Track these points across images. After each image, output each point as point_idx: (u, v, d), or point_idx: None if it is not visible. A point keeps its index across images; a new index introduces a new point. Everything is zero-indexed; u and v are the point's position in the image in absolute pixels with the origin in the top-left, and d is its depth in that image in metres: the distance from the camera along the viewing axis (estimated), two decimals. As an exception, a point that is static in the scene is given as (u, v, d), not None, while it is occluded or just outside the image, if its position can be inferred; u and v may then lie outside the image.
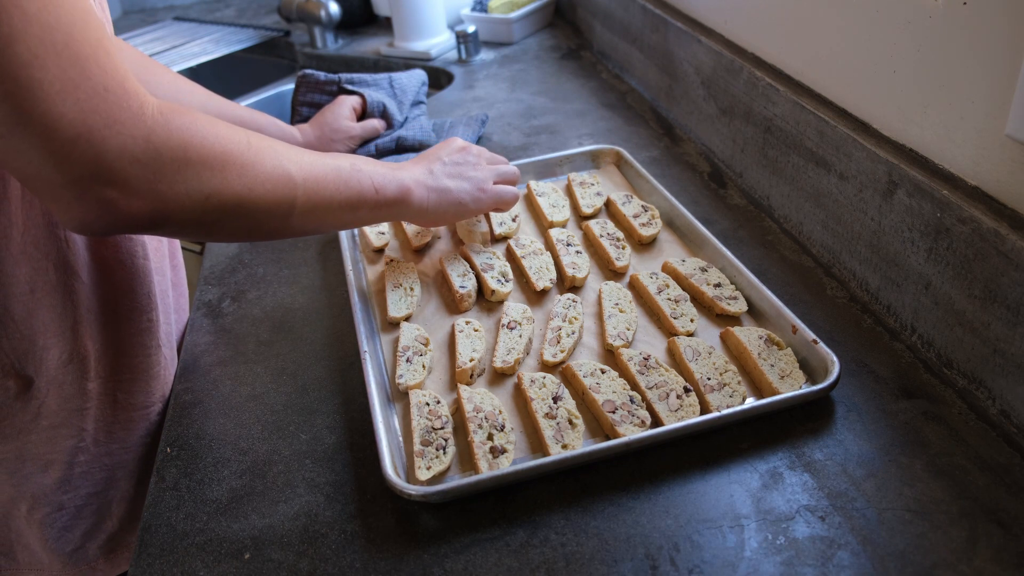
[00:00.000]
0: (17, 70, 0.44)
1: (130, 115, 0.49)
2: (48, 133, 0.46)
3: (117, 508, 0.74)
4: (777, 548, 0.53)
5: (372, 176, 0.68)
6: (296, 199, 0.60)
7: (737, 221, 0.91)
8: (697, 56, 1.05)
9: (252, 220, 0.59)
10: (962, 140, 0.63)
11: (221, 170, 0.54)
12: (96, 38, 0.48)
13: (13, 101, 0.45)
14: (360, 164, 0.68)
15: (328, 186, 0.63)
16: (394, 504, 0.60)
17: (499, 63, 1.50)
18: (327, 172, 0.63)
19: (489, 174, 0.81)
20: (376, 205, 0.69)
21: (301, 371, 0.75)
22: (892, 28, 0.68)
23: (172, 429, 0.70)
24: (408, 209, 0.73)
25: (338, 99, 1.09)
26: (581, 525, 0.56)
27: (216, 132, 0.55)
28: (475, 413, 0.64)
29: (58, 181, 0.48)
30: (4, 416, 0.66)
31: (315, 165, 0.62)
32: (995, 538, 0.52)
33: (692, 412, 0.63)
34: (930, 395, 0.64)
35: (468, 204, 0.78)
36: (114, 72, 0.49)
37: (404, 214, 0.73)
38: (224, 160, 0.55)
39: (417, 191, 0.73)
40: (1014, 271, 0.56)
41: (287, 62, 1.84)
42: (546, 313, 0.78)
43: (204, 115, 0.56)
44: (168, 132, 0.51)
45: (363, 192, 0.67)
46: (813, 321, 0.73)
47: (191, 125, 0.53)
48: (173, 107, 0.53)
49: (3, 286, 0.62)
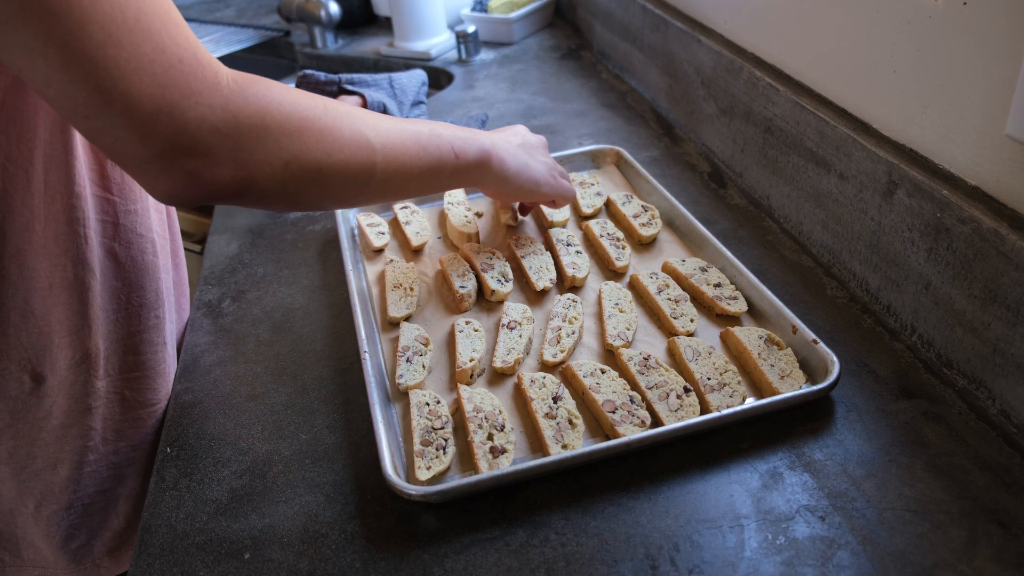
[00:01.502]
0: (93, 51, 0.44)
1: (206, 85, 0.49)
2: (129, 111, 0.46)
3: (124, 506, 0.74)
4: (777, 548, 0.53)
5: (452, 141, 0.67)
6: (376, 164, 0.60)
7: (737, 221, 0.91)
8: (697, 56, 1.05)
9: (333, 186, 0.59)
10: (962, 140, 0.63)
11: (299, 136, 0.54)
12: (164, 10, 0.48)
13: (93, 82, 0.45)
14: (439, 129, 0.68)
15: (408, 151, 0.63)
16: (394, 504, 0.60)
17: (499, 63, 1.50)
18: (406, 138, 0.63)
19: (554, 167, 0.82)
20: (456, 170, 0.68)
21: (301, 371, 0.75)
22: (892, 28, 0.68)
23: (172, 429, 0.70)
24: (488, 174, 0.72)
25: (339, 100, 1.09)
26: (581, 525, 0.56)
27: (292, 99, 0.55)
28: (475, 413, 0.64)
29: (143, 155, 0.49)
30: (16, 413, 0.66)
31: (392, 131, 0.62)
32: (995, 538, 0.52)
33: (692, 412, 0.63)
34: (930, 395, 0.64)
35: (542, 183, 0.78)
36: (186, 43, 0.49)
37: (485, 179, 0.73)
38: (301, 126, 0.55)
39: (498, 156, 0.73)
40: (1014, 271, 0.56)
41: (287, 62, 1.84)
42: (546, 313, 0.78)
43: (278, 83, 0.56)
44: (245, 100, 0.51)
45: (443, 157, 0.66)
46: (813, 321, 0.73)
47: (266, 92, 0.53)
48: (247, 76, 0.53)
49: (25, 280, 0.62)
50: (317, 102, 0.57)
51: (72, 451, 0.69)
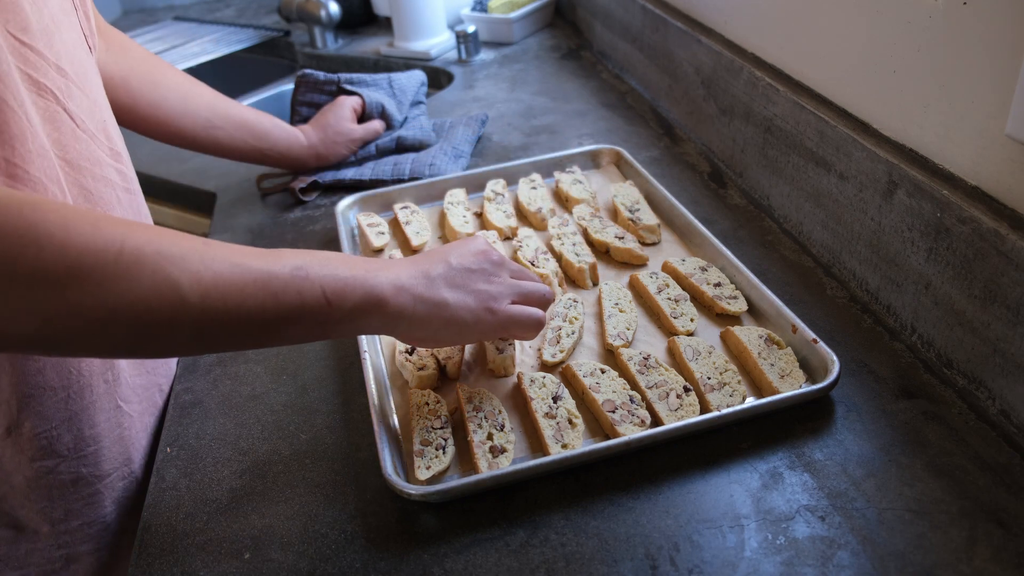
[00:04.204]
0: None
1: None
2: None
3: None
4: (777, 548, 0.53)
5: (324, 283, 0.53)
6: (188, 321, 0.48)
7: (737, 221, 0.91)
8: (697, 56, 1.05)
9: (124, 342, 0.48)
10: (962, 140, 0.63)
11: (67, 287, 0.43)
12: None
13: None
14: (314, 267, 0.53)
15: (244, 302, 0.49)
16: (394, 504, 0.60)
17: (499, 63, 1.50)
18: (244, 283, 0.49)
19: (507, 290, 0.63)
20: (328, 319, 0.53)
21: (301, 371, 0.75)
22: (892, 28, 0.68)
23: (172, 429, 0.70)
24: (384, 322, 0.57)
25: (338, 100, 1.09)
26: (581, 525, 0.56)
27: (67, 238, 0.43)
28: (475, 413, 0.64)
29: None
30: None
31: (222, 276, 0.49)
32: (995, 538, 0.52)
33: (692, 412, 0.63)
34: (930, 395, 0.64)
35: (467, 325, 0.60)
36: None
37: (381, 327, 0.58)
38: (72, 274, 0.43)
39: (397, 299, 0.56)
40: (1014, 271, 0.56)
41: (287, 62, 1.84)
42: (547, 313, 0.78)
43: (69, 210, 0.45)
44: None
45: (305, 305, 0.52)
46: (813, 321, 0.73)
47: (33, 229, 0.42)
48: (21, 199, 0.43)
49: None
50: (110, 243, 0.45)
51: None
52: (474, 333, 0.62)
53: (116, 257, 0.44)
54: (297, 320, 0.52)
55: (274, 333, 0.53)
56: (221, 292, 0.48)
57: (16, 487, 0.61)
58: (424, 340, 0.61)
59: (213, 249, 0.50)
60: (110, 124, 0.69)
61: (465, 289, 0.61)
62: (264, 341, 0.54)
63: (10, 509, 0.61)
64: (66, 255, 0.43)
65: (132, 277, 0.45)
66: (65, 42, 0.62)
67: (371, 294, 0.55)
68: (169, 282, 0.46)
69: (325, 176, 1.07)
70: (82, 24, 0.68)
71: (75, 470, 0.63)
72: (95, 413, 0.64)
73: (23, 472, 0.60)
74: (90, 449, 0.64)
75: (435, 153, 1.10)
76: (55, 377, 0.60)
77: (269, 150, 1.00)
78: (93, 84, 0.66)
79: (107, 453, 0.65)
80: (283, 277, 0.51)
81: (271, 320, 0.51)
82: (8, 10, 0.55)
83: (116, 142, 0.69)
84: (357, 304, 0.54)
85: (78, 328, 0.45)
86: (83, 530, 0.65)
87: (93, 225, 0.45)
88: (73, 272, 0.43)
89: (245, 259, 0.50)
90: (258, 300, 0.50)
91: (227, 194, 1.11)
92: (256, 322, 0.50)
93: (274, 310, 0.51)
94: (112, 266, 0.44)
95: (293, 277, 0.52)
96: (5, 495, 0.60)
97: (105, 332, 0.46)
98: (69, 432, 0.62)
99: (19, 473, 0.60)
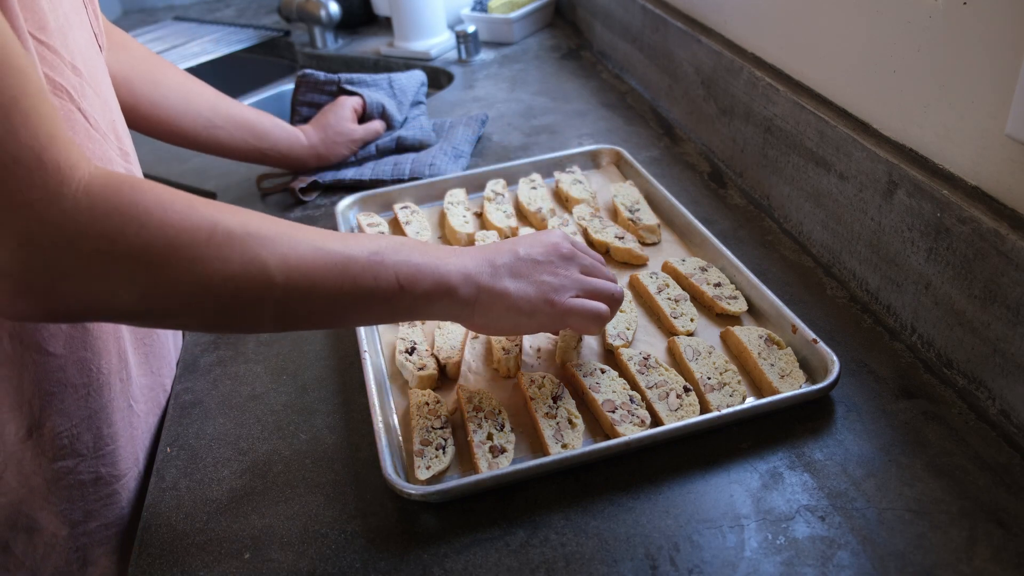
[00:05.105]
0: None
1: (43, 195, 0.41)
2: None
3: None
4: (777, 548, 0.53)
5: (398, 268, 0.55)
6: (273, 301, 0.50)
7: (737, 221, 0.91)
8: (697, 56, 1.05)
9: (213, 318, 0.50)
10: (962, 140, 0.63)
11: (162, 266, 0.45)
12: (12, 96, 0.40)
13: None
14: (387, 253, 0.55)
15: (325, 284, 0.52)
16: (394, 504, 0.60)
17: (499, 63, 1.50)
18: (327, 266, 0.52)
19: (571, 283, 0.62)
20: (401, 304, 0.56)
21: (301, 371, 0.75)
22: (892, 28, 0.68)
23: (172, 429, 0.70)
24: (449, 307, 0.59)
25: (339, 100, 1.09)
26: (581, 525, 0.56)
27: (165, 218, 0.45)
28: (475, 413, 0.64)
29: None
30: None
31: (306, 258, 0.51)
32: (995, 538, 0.52)
33: (692, 412, 0.63)
34: (930, 395, 0.64)
35: (526, 314, 0.60)
36: (31, 139, 0.40)
37: (444, 312, 0.59)
38: (168, 254, 0.45)
39: (464, 288, 0.58)
40: (1014, 271, 0.56)
41: (287, 62, 1.84)
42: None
43: (163, 192, 0.46)
44: (92, 217, 0.43)
45: (379, 289, 0.54)
46: (813, 321, 0.73)
47: (130, 209, 0.44)
48: (117, 183, 0.44)
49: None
50: (203, 222, 0.47)
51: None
52: (532, 323, 0.62)
53: (208, 237, 0.46)
54: (369, 302, 0.55)
55: (348, 314, 0.56)
56: (304, 273, 0.50)
57: (35, 489, 0.61)
58: (486, 327, 0.62)
59: (299, 232, 0.52)
60: (119, 123, 0.69)
61: (528, 279, 0.61)
62: (337, 322, 0.57)
63: (29, 511, 0.61)
64: (165, 233, 0.45)
65: (224, 256, 0.47)
66: (78, 41, 0.61)
67: (441, 282, 0.57)
68: (258, 262, 0.48)
69: (325, 176, 1.07)
70: (92, 23, 0.68)
71: (94, 469, 0.63)
72: (112, 412, 0.64)
73: (43, 474, 0.61)
74: (108, 448, 0.64)
75: (435, 153, 1.10)
76: (76, 374, 0.60)
77: (269, 150, 1.00)
78: (103, 83, 0.66)
79: (123, 452, 0.66)
80: (361, 261, 0.53)
81: (348, 302, 0.54)
82: (28, 8, 0.55)
83: (125, 141, 0.69)
84: (427, 290, 0.56)
85: (172, 302, 0.47)
86: (100, 532, 0.65)
87: (188, 205, 0.47)
88: (170, 249, 0.45)
89: (327, 242, 0.53)
90: (337, 283, 0.52)
91: (227, 194, 1.11)
92: (334, 303, 0.53)
93: (351, 293, 0.53)
94: (204, 245, 0.46)
95: (370, 262, 0.54)
96: (24, 498, 0.61)
97: (196, 307, 0.48)
98: (89, 431, 0.62)
99: (39, 475, 0.61)
